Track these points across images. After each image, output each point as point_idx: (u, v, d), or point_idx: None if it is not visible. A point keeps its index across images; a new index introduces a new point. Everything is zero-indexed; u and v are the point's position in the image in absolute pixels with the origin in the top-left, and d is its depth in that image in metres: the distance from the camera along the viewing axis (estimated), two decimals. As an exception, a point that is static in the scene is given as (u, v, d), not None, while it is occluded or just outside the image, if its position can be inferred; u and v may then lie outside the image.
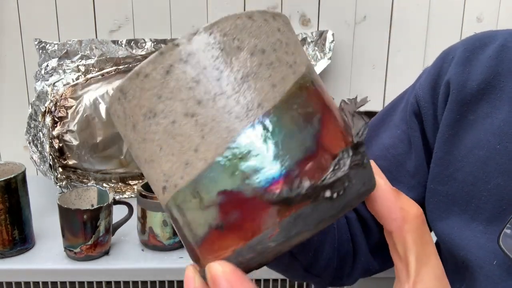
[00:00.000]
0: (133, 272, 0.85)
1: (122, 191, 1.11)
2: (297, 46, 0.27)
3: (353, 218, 0.58)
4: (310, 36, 1.17)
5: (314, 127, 0.25)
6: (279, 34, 0.26)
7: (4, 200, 0.82)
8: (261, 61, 0.25)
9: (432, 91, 0.55)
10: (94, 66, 1.11)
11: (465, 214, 0.51)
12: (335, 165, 0.24)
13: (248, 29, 0.26)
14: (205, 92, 0.24)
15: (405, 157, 0.56)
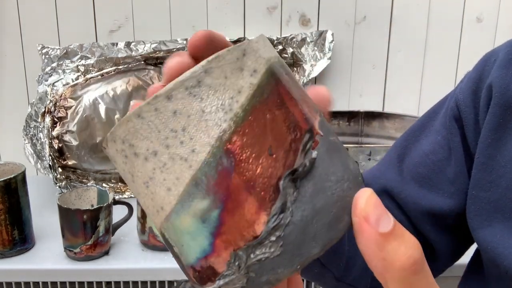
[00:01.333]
0: (133, 272, 0.85)
1: (122, 191, 1.11)
2: (200, 122, 0.24)
3: None
4: (310, 36, 1.17)
5: (210, 225, 0.24)
6: (173, 120, 0.24)
7: (4, 200, 0.82)
8: (155, 165, 0.25)
9: (473, 95, 0.53)
10: (93, 66, 1.11)
11: (509, 222, 0.49)
12: (228, 268, 0.24)
13: (139, 131, 0.25)
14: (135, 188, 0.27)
15: (445, 164, 0.54)
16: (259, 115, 0.24)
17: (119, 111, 1.09)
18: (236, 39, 1.14)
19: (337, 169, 0.25)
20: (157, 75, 1.13)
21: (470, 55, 1.23)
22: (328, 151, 0.26)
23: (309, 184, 0.24)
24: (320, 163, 0.25)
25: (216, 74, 0.25)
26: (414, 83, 1.24)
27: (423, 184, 0.54)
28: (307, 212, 0.24)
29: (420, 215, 0.54)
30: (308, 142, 0.25)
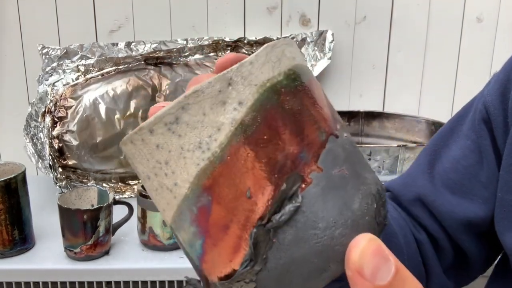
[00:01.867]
0: (133, 272, 0.85)
1: (122, 191, 1.11)
2: (179, 159, 0.24)
3: (424, 239, 0.55)
4: (310, 36, 1.17)
5: (196, 251, 0.25)
6: (157, 152, 0.24)
7: (4, 200, 0.82)
8: (150, 187, 0.26)
9: (501, 96, 0.52)
10: (93, 66, 1.11)
11: None
12: None
13: (134, 155, 0.26)
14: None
15: (477, 168, 0.53)
16: (239, 154, 0.23)
17: (119, 111, 1.09)
18: (236, 39, 1.14)
19: (330, 213, 0.23)
20: (157, 75, 1.13)
21: (470, 55, 1.23)
22: (324, 191, 0.23)
23: (290, 231, 0.23)
24: (308, 207, 0.23)
25: (194, 111, 0.24)
26: (414, 83, 1.24)
27: (455, 190, 0.53)
28: (283, 260, 0.23)
29: (455, 224, 0.53)
30: (293, 187, 0.23)
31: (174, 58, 1.14)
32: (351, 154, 0.26)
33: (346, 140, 0.26)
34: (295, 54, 0.26)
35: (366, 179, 0.25)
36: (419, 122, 1.14)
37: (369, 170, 0.27)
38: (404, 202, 0.55)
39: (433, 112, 1.24)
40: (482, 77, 1.25)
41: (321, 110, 0.25)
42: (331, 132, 0.25)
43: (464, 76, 1.24)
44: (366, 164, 0.27)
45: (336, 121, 0.26)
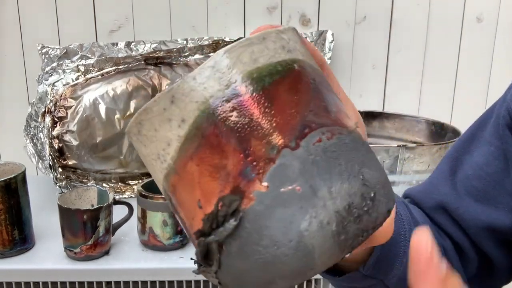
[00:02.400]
0: (133, 272, 0.85)
1: (122, 191, 1.11)
2: (150, 165, 0.26)
3: (448, 247, 0.54)
4: (310, 36, 1.17)
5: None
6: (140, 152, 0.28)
7: (4, 200, 0.82)
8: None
9: None
10: (93, 66, 1.11)
11: None
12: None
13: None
14: None
15: (502, 175, 0.52)
16: (187, 168, 0.24)
17: (119, 111, 1.09)
18: (236, 39, 1.14)
19: (273, 231, 0.23)
20: (157, 75, 1.13)
21: (470, 55, 1.23)
22: (269, 209, 0.23)
23: (235, 243, 0.23)
24: (251, 224, 0.23)
25: (147, 126, 0.25)
26: (414, 83, 1.24)
27: (479, 198, 0.52)
28: (234, 268, 0.24)
29: (480, 231, 0.52)
30: (231, 205, 0.23)
31: (174, 58, 1.14)
32: (317, 165, 0.23)
33: (317, 148, 0.24)
34: (261, 53, 0.24)
35: (330, 193, 0.23)
36: (419, 122, 1.14)
37: (348, 179, 0.24)
38: (426, 210, 0.54)
39: (433, 112, 1.24)
40: (482, 77, 1.25)
41: (278, 120, 0.24)
42: (285, 145, 0.23)
43: (464, 76, 1.24)
44: (346, 171, 0.24)
45: (306, 126, 0.24)
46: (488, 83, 1.25)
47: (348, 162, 0.24)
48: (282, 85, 0.24)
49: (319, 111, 0.25)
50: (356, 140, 0.26)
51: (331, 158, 0.24)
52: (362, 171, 0.24)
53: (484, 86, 1.25)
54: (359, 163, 0.25)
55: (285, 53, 0.25)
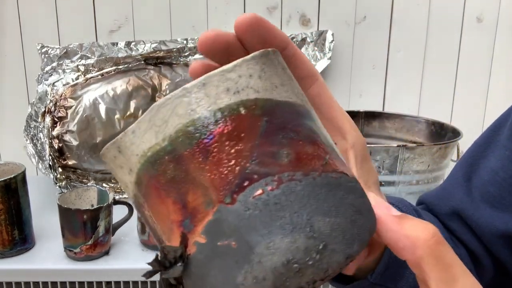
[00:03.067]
0: (133, 272, 0.85)
1: (122, 191, 1.11)
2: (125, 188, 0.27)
3: (463, 254, 0.52)
4: (310, 36, 1.17)
5: None
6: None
7: (4, 200, 0.82)
8: None
9: None
10: (93, 66, 1.11)
11: None
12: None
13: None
14: None
15: None
16: (143, 209, 0.26)
17: (119, 111, 1.09)
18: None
19: (214, 280, 0.23)
20: (157, 75, 1.13)
21: (470, 55, 1.23)
22: (208, 260, 0.23)
23: (188, 281, 0.25)
24: (196, 269, 0.24)
25: (111, 167, 0.26)
26: (414, 83, 1.24)
27: (494, 204, 0.50)
28: None
29: (495, 238, 0.50)
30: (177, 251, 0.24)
31: (174, 58, 1.14)
32: (255, 220, 0.23)
33: (258, 201, 0.23)
34: (199, 103, 0.23)
35: (268, 249, 0.22)
36: (419, 122, 1.14)
37: (291, 232, 0.23)
38: (440, 216, 0.53)
39: (433, 112, 1.24)
40: (482, 77, 1.25)
41: (213, 175, 0.23)
42: (219, 201, 0.23)
43: (464, 76, 1.24)
44: (289, 224, 0.23)
45: (246, 179, 0.23)
46: (488, 83, 1.25)
47: (295, 213, 0.23)
48: (221, 135, 0.23)
49: (266, 159, 0.23)
50: (315, 184, 0.23)
51: (274, 211, 0.23)
52: (312, 221, 0.23)
53: (484, 86, 1.25)
54: (310, 212, 0.23)
55: (230, 96, 0.23)
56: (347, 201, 0.24)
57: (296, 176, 0.23)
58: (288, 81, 0.26)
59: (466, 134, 1.02)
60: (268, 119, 0.24)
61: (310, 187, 0.23)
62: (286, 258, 0.22)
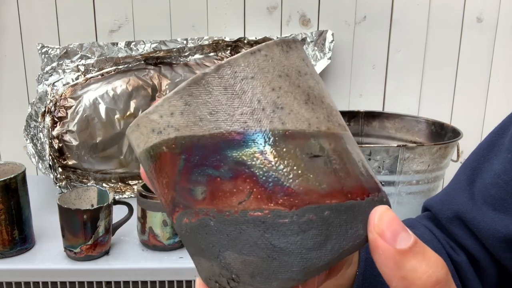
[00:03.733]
0: (133, 272, 0.85)
1: (122, 191, 1.11)
2: None
3: (463, 262, 0.51)
4: (310, 36, 1.17)
5: None
6: None
7: (4, 200, 0.82)
8: None
9: None
10: (93, 66, 1.11)
11: None
12: None
13: None
14: None
15: None
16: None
17: (119, 111, 1.09)
18: (236, 39, 1.14)
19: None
20: (157, 75, 1.13)
21: (470, 55, 1.23)
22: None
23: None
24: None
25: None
26: (414, 83, 1.24)
27: (497, 207, 0.50)
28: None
29: (498, 242, 0.49)
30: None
31: (174, 58, 1.14)
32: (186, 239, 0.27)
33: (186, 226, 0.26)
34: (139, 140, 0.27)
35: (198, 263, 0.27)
36: (419, 122, 1.14)
37: (209, 258, 0.26)
38: (443, 221, 0.53)
39: (433, 112, 1.24)
40: (482, 77, 1.25)
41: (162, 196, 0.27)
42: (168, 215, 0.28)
43: (464, 76, 1.24)
44: (207, 251, 0.26)
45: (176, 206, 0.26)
46: (488, 83, 1.25)
47: (210, 244, 0.25)
48: (155, 169, 0.26)
49: (185, 194, 0.25)
50: (227, 222, 0.24)
51: (196, 237, 0.26)
52: (224, 255, 0.25)
53: (484, 86, 1.25)
54: (221, 247, 0.25)
55: (155, 136, 0.26)
56: (264, 241, 0.24)
57: (210, 213, 0.25)
58: (224, 105, 0.25)
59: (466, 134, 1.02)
60: (186, 157, 0.25)
61: (222, 224, 0.24)
62: (208, 275, 0.26)
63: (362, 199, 0.25)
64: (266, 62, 0.25)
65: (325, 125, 0.26)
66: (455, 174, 0.56)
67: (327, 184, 0.24)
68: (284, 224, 0.24)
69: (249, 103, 0.25)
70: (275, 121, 0.25)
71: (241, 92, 0.25)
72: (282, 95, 0.25)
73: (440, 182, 1.01)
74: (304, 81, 0.26)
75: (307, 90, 0.26)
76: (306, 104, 0.26)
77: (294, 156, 0.24)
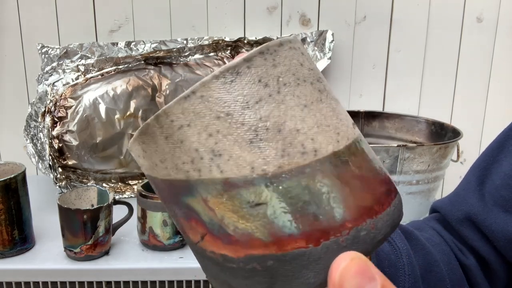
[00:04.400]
0: (133, 272, 0.85)
1: (122, 191, 1.11)
2: None
3: (472, 264, 0.51)
4: (310, 36, 1.17)
5: None
6: None
7: (4, 200, 0.82)
8: None
9: None
10: (93, 66, 1.11)
11: None
12: None
13: None
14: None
15: None
16: None
17: (119, 111, 1.09)
18: (236, 39, 1.14)
19: None
20: (157, 75, 1.13)
21: (470, 55, 1.23)
22: None
23: None
24: None
25: None
26: (414, 83, 1.25)
27: (508, 208, 0.49)
28: None
29: (509, 243, 0.49)
30: None
31: (174, 58, 1.14)
32: None
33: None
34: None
35: None
36: (419, 122, 1.14)
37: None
38: (452, 222, 0.53)
39: (433, 112, 1.24)
40: (482, 77, 1.25)
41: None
42: None
43: (464, 76, 1.24)
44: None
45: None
46: (488, 83, 1.25)
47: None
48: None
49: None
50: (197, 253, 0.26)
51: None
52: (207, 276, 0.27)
53: (484, 86, 1.25)
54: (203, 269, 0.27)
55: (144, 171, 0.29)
56: (222, 277, 0.25)
57: (187, 240, 0.27)
58: (168, 153, 0.25)
59: (466, 134, 1.02)
60: (158, 192, 0.27)
61: (195, 252, 0.27)
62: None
63: (316, 245, 0.23)
64: (201, 104, 0.23)
65: (275, 164, 0.23)
66: (465, 175, 0.55)
67: (270, 234, 0.23)
68: (232, 268, 0.24)
69: (188, 152, 0.24)
70: (214, 170, 0.23)
71: (180, 141, 0.24)
72: (220, 140, 0.23)
73: (440, 182, 1.01)
74: (252, 113, 0.23)
75: (255, 124, 0.23)
76: (251, 144, 0.23)
77: (236, 205, 0.23)
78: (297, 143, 0.23)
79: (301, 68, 0.25)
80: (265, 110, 0.23)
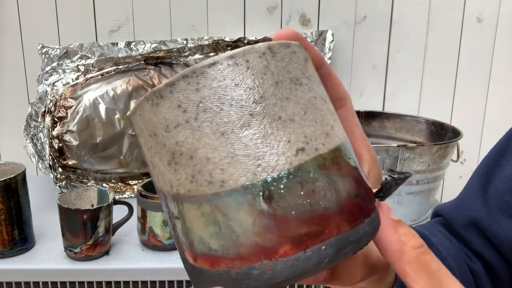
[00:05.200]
0: (133, 272, 0.85)
1: (122, 191, 1.11)
2: None
3: (479, 270, 0.51)
4: (310, 36, 1.17)
5: None
6: None
7: (4, 200, 0.82)
8: None
9: None
10: (93, 66, 1.11)
11: None
12: None
13: None
14: None
15: None
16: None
17: (119, 111, 1.09)
18: (236, 39, 1.14)
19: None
20: (157, 75, 1.13)
21: (470, 55, 1.23)
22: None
23: None
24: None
25: None
26: (414, 83, 1.24)
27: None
28: None
29: None
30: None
31: (174, 58, 1.14)
32: None
33: None
34: None
35: None
36: (419, 122, 1.14)
37: None
38: (457, 227, 0.52)
39: (433, 112, 1.24)
40: (482, 77, 1.25)
41: None
42: None
43: (464, 76, 1.24)
44: None
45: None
46: (488, 83, 1.25)
47: None
48: None
49: None
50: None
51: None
52: None
53: (484, 86, 1.25)
54: None
55: None
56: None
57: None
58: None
59: (466, 134, 1.02)
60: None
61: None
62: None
63: (212, 269, 0.24)
64: (141, 121, 0.25)
65: (186, 187, 0.24)
66: (469, 179, 0.54)
67: (179, 247, 0.26)
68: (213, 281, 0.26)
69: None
70: (154, 178, 0.26)
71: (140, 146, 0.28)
72: (153, 155, 0.25)
73: (440, 182, 1.01)
74: (172, 137, 0.24)
75: (173, 148, 0.24)
76: (169, 165, 0.24)
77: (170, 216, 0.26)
78: (206, 172, 0.23)
79: (233, 89, 0.23)
80: (181, 136, 0.23)
